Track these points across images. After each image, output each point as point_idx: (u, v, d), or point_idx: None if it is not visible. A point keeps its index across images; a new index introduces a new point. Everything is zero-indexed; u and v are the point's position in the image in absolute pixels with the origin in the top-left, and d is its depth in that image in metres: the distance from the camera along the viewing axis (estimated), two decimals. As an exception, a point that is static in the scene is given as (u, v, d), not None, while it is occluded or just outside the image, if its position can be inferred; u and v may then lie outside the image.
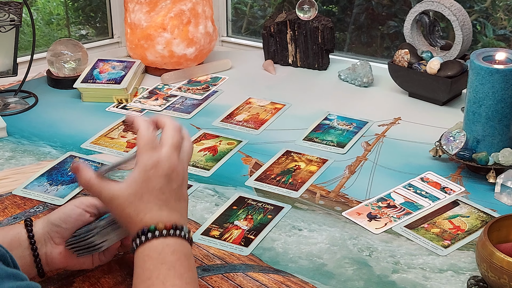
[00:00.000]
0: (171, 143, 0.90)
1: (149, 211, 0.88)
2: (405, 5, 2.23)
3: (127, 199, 0.88)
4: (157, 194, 0.88)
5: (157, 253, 0.85)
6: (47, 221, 0.96)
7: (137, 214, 0.88)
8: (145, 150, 0.89)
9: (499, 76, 1.20)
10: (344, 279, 1.02)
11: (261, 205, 1.20)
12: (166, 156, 0.89)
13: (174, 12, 1.68)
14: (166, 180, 0.89)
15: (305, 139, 1.42)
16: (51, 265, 0.96)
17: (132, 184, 0.88)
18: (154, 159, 0.88)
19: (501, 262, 0.91)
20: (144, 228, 0.87)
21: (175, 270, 0.84)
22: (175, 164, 0.90)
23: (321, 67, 1.76)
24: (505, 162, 1.23)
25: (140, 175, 0.88)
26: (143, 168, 0.88)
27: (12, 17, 1.51)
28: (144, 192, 0.88)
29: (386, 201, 1.21)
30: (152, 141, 0.90)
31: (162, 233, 0.86)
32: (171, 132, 0.91)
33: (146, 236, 0.86)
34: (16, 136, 1.44)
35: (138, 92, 1.65)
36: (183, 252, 0.87)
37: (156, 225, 0.87)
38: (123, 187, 0.89)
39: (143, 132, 0.90)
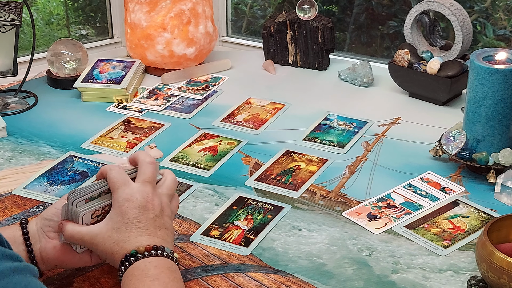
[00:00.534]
0: (143, 178, 0.95)
1: (127, 239, 0.91)
2: (405, 5, 2.23)
3: (106, 234, 0.92)
4: (133, 224, 0.92)
5: (140, 270, 0.88)
6: (40, 217, 0.98)
7: (116, 244, 0.91)
8: (117, 187, 0.94)
9: (499, 76, 1.20)
10: (344, 279, 1.02)
11: (261, 205, 1.20)
12: (139, 190, 0.94)
13: (174, 12, 1.68)
14: (140, 211, 0.93)
15: (305, 139, 1.42)
16: (47, 262, 0.96)
17: (109, 221, 0.93)
18: (126, 193, 0.93)
19: (501, 262, 0.91)
20: (126, 255, 0.90)
21: (159, 281, 0.87)
22: (148, 196, 0.94)
23: (321, 67, 1.76)
24: (505, 162, 1.23)
25: (115, 211, 0.93)
26: (118, 203, 0.93)
27: (12, 17, 1.51)
28: (120, 225, 0.92)
29: (386, 201, 1.21)
30: (122, 179, 0.94)
31: (144, 255, 0.89)
32: (143, 168, 0.96)
33: (129, 261, 0.89)
34: (16, 136, 1.45)
35: (138, 92, 1.65)
36: (166, 266, 0.90)
37: (136, 249, 0.90)
38: (101, 225, 0.93)
39: (112, 174, 0.95)
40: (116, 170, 0.95)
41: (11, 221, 1.15)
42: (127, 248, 0.90)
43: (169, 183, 0.98)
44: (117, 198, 0.93)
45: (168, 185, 0.98)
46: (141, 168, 0.96)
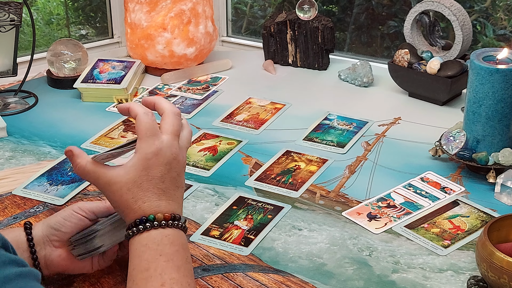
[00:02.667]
0: (172, 130, 0.89)
1: (147, 199, 0.86)
2: (405, 5, 2.23)
3: (125, 185, 0.87)
4: (156, 183, 0.87)
5: (156, 244, 0.85)
6: (46, 224, 0.96)
7: (135, 201, 0.86)
8: (146, 137, 0.87)
9: (499, 76, 1.20)
10: (344, 279, 1.03)
11: (261, 205, 1.20)
12: (168, 144, 0.88)
13: (174, 12, 1.68)
14: (167, 168, 0.88)
15: (305, 139, 1.42)
16: (51, 268, 0.96)
17: (131, 171, 0.87)
18: (156, 147, 0.87)
19: (501, 262, 0.91)
20: (142, 217, 0.86)
21: (173, 262, 0.84)
22: (176, 152, 0.88)
23: (321, 67, 1.76)
24: (505, 162, 1.23)
25: (140, 162, 0.87)
26: (144, 155, 0.87)
27: (12, 17, 1.51)
28: (143, 180, 0.87)
29: (386, 201, 1.21)
30: (152, 127, 0.88)
31: (161, 224, 0.86)
32: (171, 119, 0.90)
33: (144, 225, 0.85)
34: (16, 136, 1.45)
35: (138, 92, 1.65)
36: (180, 243, 0.87)
37: (155, 215, 0.86)
38: (121, 173, 0.87)
39: (142, 117, 0.88)
40: (148, 115, 0.88)
41: (11, 221, 1.15)
42: (145, 210, 0.86)
43: (188, 135, 0.92)
44: (145, 149, 0.87)
45: (187, 137, 0.92)
46: (168, 118, 0.90)
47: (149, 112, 0.90)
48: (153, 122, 0.89)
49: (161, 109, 0.91)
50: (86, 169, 0.88)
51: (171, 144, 0.88)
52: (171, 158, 0.88)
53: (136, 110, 0.89)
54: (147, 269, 0.83)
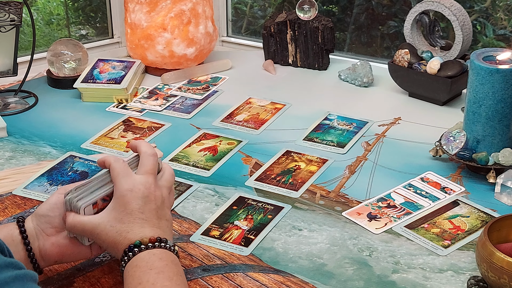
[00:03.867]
0: (145, 170, 0.96)
1: (130, 229, 0.91)
2: (405, 5, 2.23)
3: (108, 224, 0.92)
4: (136, 214, 0.92)
5: (145, 262, 0.88)
6: (35, 214, 0.98)
7: (119, 234, 0.91)
8: (119, 178, 0.94)
9: (499, 76, 1.20)
10: (344, 279, 1.03)
11: (261, 205, 1.20)
12: (141, 181, 0.94)
13: (174, 12, 1.68)
14: (143, 201, 0.93)
15: (305, 139, 1.42)
16: (46, 258, 0.97)
17: (111, 211, 0.93)
18: (129, 184, 0.94)
19: (501, 262, 0.91)
20: (130, 245, 0.90)
21: (164, 274, 0.87)
22: (150, 187, 0.94)
23: (321, 67, 1.76)
24: (505, 162, 1.23)
25: (117, 201, 0.93)
26: (120, 193, 0.93)
27: (12, 17, 1.51)
28: (123, 215, 0.92)
29: (386, 201, 1.21)
30: (124, 170, 0.95)
31: (148, 246, 0.90)
32: (144, 160, 0.97)
33: (132, 251, 0.89)
34: (16, 136, 1.45)
35: (138, 92, 1.65)
36: (170, 259, 0.90)
37: (140, 240, 0.90)
38: (103, 215, 0.94)
39: (114, 164, 0.95)
40: (119, 161, 0.96)
41: (11, 221, 1.15)
42: (130, 238, 0.90)
43: (168, 176, 0.99)
44: (120, 188, 0.93)
45: (167, 178, 0.99)
46: (143, 159, 0.97)
47: (120, 159, 0.97)
48: (125, 166, 0.96)
49: (139, 151, 0.99)
50: (72, 224, 0.94)
51: (145, 181, 0.95)
52: (146, 192, 0.94)
53: (108, 160, 0.97)
54: (140, 283, 0.86)
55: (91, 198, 0.95)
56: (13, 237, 0.95)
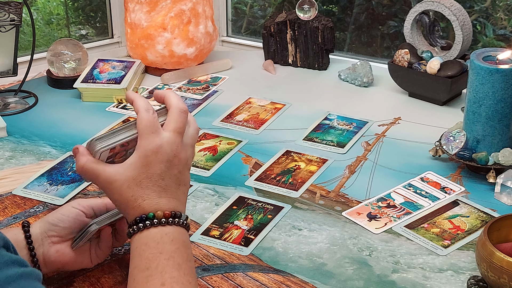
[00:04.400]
0: (174, 127, 0.88)
1: (147, 197, 0.86)
2: (405, 5, 2.23)
3: (125, 183, 0.86)
4: (156, 180, 0.86)
5: (156, 242, 0.84)
6: (45, 221, 0.96)
7: (135, 200, 0.86)
8: (146, 133, 0.87)
9: (499, 76, 1.20)
10: (344, 278, 1.03)
11: (261, 205, 1.20)
12: (168, 142, 0.87)
13: (174, 12, 1.68)
14: (167, 166, 0.87)
15: (305, 139, 1.42)
16: (49, 266, 0.96)
17: (130, 168, 0.86)
18: (156, 144, 0.86)
19: (501, 262, 0.91)
20: (142, 215, 0.85)
21: (173, 260, 0.84)
22: (177, 149, 0.88)
23: (321, 67, 1.76)
24: (505, 162, 1.23)
25: (139, 160, 0.86)
26: (144, 152, 0.86)
27: (12, 17, 1.51)
28: (143, 177, 0.86)
29: (386, 201, 1.21)
30: (152, 124, 0.87)
31: (161, 222, 0.85)
32: (175, 116, 0.89)
33: (144, 223, 0.85)
34: (16, 136, 1.45)
35: (138, 92, 1.65)
36: (181, 240, 0.86)
37: (155, 213, 0.85)
38: (120, 170, 0.87)
39: (143, 114, 0.88)
40: (149, 111, 0.87)
41: (11, 221, 1.15)
42: (145, 207, 0.85)
43: (194, 132, 0.91)
44: (145, 146, 0.86)
45: (192, 134, 0.91)
46: (173, 115, 0.89)
47: (151, 109, 0.89)
48: (154, 119, 0.88)
49: (168, 105, 0.90)
50: (85, 167, 0.88)
51: (172, 141, 0.87)
52: (171, 155, 0.87)
53: (138, 105, 0.88)
54: (147, 268, 0.83)
55: (111, 143, 0.88)
56: (17, 241, 0.94)
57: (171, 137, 0.87)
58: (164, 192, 0.87)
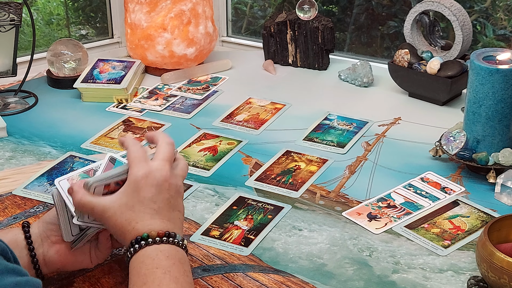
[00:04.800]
0: (163, 157, 0.92)
1: (140, 219, 0.89)
2: (405, 5, 2.23)
3: (118, 210, 0.89)
4: (148, 203, 0.89)
5: (151, 259, 0.86)
6: (42, 221, 0.97)
7: (129, 223, 0.89)
8: (136, 163, 0.91)
9: (499, 76, 1.20)
10: (344, 279, 1.02)
11: (261, 205, 1.20)
12: (158, 168, 0.91)
13: (174, 12, 1.68)
14: (157, 189, 0.90)
15: (305, 139, 1.42)
16: (49, 266, 0.96)
17: (122, 196, 0.90)
18: (145, 170, 0.90)
19: (501, 262, 0.91)
20: (137, 237, 0.88)
21: (170, 274, 0.85)
22: (166, 175, 0.91)
23: (321, 67, 1.76)
24: (505, 162, 1.23)
25: (130, 186, 0.90)
26: (134, 179, 0.90)
27: (12, 17, 1.51)
28: (135, 202, 0.89)
29: (386, 201, 1.21)
30: (141, 155, 0.92)
31: (155, 240, 0.87)
32: (162, 147, 0.94)
33: (139, 244, 0.87)
34: (16, 136, 1.45)
35: (138, 92, 1.65)
36: (177, 257, 0.88)
37: (148, 233, 0.88)
38: (113, 199, 0.90)
39: (132, 148, 0.93)
40: (138, 146, 0.93)
41: (11, 221, 1.15)
42: (139, 229, 0.88)
43: (184, 166, 0.96)
44: (135, 173, 0.90)
45: (182, 167, 0.95)
46: (160, 147, 0.94)
47: (138, 143, 0.94)
48: (142, 150, 0.93)
49: (156, 140, 0.95)
50: (81, 201, 0.91)
51: (161, 167, 0.91)
52: (161, 180, 0.90)
53: (127, 143, 0.94)
54: (144, 283, 0.84)
55: (104, 179, 0.92)
56: (17, 242, 0.94)
57: (160, 164, 0.92)
58: (157, 214, 0.90)
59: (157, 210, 0.90)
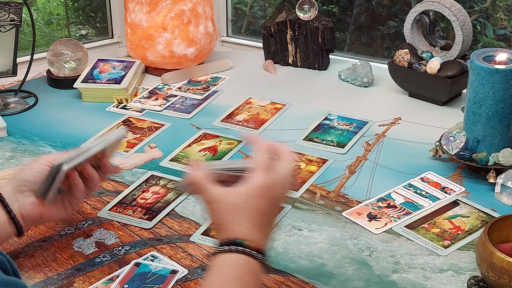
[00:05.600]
0: (288, 173, 0.91)
1: (242, 225, 0.87)
2: (405, 5, 2.23)
3: (226, 206, 0.88)
4: (256, 214, 0.87)
5: (237, 265, 0.84)
6: (15, 179, 1.00)
7: (230, 222, 0.87)
8: (262, 170, 0.89)
9: (499, 76, 1.20)
10: (344, 279, 1.02)
11: (261, 205, 1.20)
12: (281, 183, 0.90)
13: (175, 12, 1.68)
14: (270, 204, 0.89)
15: (305, 139, 1.42)
16: (27, 219, 0.99)
17: (236, 194, 0.88)
18: (270, 181, 0.89)
19: (501, 262, 0.91)
20: (236, 239, 0.86)
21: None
22: (283, 192, 0.90)
23: (321, 67, 1.76)
24: (505, 162, 1.23)
25: (249, 190, 0.88)
26: (257, 184, 0.88)
27: (12, 17, 1.51)
28: (245, 206, 0.87)
29: (386, 201, 1.21)
30: (268, 165, 0.90)
31: (251, 253, 0.85)
32: (289, 164, 0.92)
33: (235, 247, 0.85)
34: (16, 136, 1.45)
35: (138, 92, 1.65)
36: (258, 276, 0.86)
37: (249, 242, 0.86)
38: (227, 193, 0.88)
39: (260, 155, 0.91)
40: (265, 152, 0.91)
41: (11, 221, 1.15)
42: (238, 233, 0.86)
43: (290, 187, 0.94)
44: (259, 179, 0.88)
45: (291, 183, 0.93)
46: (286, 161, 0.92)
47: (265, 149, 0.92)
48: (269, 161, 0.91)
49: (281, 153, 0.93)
50: (198, 181, 0.90)
51: (284, 184, 0.90)
52: (278, 196, 0.90)
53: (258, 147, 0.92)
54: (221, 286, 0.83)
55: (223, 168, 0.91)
56: None
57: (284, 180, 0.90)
58: (258, 227, 0.88)
59: (260, 222, 0.88)
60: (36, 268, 1.04)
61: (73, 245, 1.09)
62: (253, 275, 0.85)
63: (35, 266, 1.04)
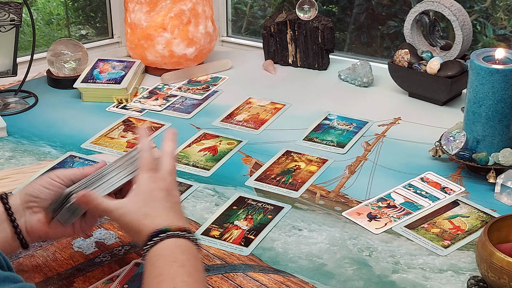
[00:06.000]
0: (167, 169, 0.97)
1: (157, 214, 0.91)
2: (405, 5, 2.23)
3: (133, 207, 0.92)
4: (161, 201, 0.93)
5: (169, 251, 0.87)
6: (24, 192, 0.98)
7: (145, 217, 0.91)
8: (146, 169, 0.95)
9: (499, 76, 1.20)
10: (344, 279, 1.02)
11: (261, 205, 1.20)
12: (164, 176, 0.96)
13: (174, 12, 1.68)
14: (166, 193, 0.94)
15: (305, 139, 1.42)
16: (32, 235, 0.98)
17: (136, 195, 0.94)
18: (154, 176, 0.95)
19: (501, 262, 0.91)
20: (156, 230, 0.89)
21: (185, 268, 0.85)
22: (171, 184, 0.96)
23: (321, 67, 1.76)
24: (505, 162, 1.23)
25: (142, 188, 0.94)
26: (145, 182, 0.94)
27: (12, 17, 1.51)
28: (149, 199, 0.93)
29: (386, 201, 1.21)
30: (151, 163, 0.96)
31: (175, 234, 0.89)
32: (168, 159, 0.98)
33: (159, 237, 0.88)
34: (16, 136, 1.45)
35: (138, 92, 1.65)
36: (193, 253, 0.89)
37: (169, 227, 0.89)
38: (128, 198, 0.94)
39: (145, 154, 0.97)
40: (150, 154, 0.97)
41: (11, 221, 1.15)
42: (158, 223, 0.90)
43: None
44: (145, 177, 0.94)
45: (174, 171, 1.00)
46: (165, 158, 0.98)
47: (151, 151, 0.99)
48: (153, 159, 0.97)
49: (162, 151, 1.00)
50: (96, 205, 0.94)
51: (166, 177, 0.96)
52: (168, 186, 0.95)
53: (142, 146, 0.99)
54: (160, 274, 0.85)
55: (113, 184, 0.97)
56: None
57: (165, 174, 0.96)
58: (171, 211, 0.93)
59: (170, 208, 0.93)
60: (36, 268, 1.04)
61: (73, 245, 1.09)
62: (187, 253, 0.88)
63: (35, 266, 1.04)
